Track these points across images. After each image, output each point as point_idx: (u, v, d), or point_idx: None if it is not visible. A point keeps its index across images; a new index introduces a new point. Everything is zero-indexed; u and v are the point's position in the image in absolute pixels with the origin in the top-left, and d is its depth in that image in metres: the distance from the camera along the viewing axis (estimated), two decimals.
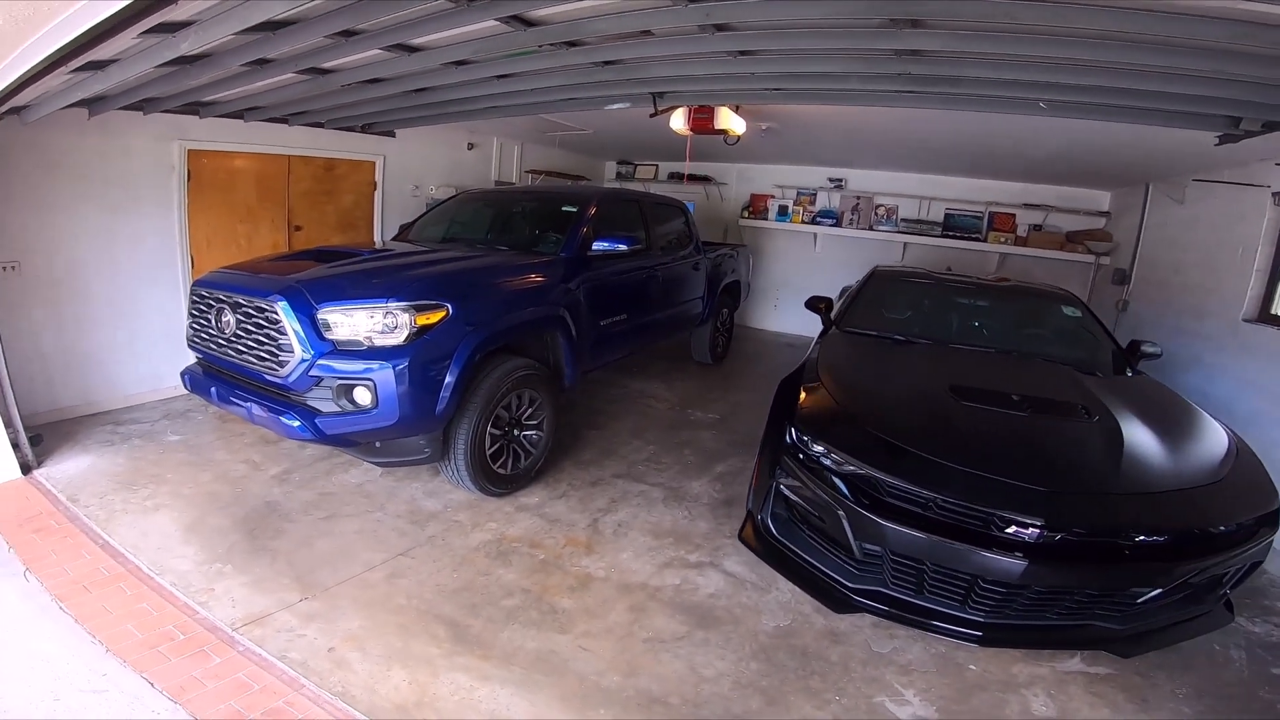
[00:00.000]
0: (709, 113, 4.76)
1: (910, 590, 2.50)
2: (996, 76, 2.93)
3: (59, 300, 4.38)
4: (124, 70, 2.75)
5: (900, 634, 2.68)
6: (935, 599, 2.46)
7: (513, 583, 2.92)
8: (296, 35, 2.57)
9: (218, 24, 2.22)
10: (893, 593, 2.53)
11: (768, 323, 9.07)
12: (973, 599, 2.40)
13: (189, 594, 2.70)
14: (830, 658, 2.56)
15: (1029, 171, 6.78)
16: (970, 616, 2.42)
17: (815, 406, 2.98)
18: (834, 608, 2.64)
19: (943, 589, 2.45)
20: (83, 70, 2.74)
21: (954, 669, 2.54)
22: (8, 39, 1.91)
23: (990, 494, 2.36)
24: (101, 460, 3.91)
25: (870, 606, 2.57)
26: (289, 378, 3.01)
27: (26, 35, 1.89)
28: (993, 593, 2.37)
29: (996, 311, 4.30)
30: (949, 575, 2.41)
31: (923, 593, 2.48)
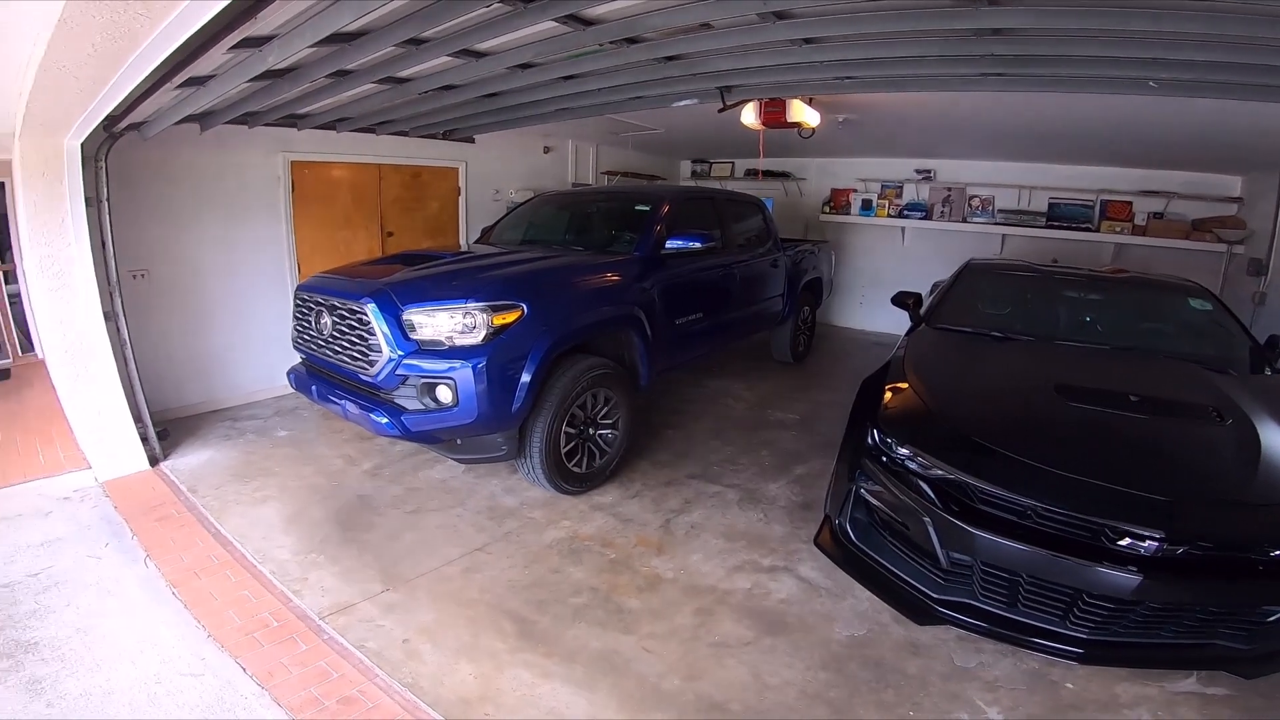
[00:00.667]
0: (781, 106, 4.63)
1: (1002, 603, 2.32)
2: (1096, 54, 2.67)
3: (184, 306, 4.83)
4: (222, 85, 2.96)
5: (988, 648, 2.50)
6: (1031, 613, 2.28)
7: (582, 581, 2.94)
8: (369, 45, 2.69)
9: (296, 36, 2.35)
10: (982, 605, 2.36)
11: (852, 320, 8.75)
12: (1075, 614, 2.21)
13: (285, 582, 2.87)
14: (907, 670, 2.42)
15: (1148, 157, 6.17)
16: (1071, 633, 2.23)
17: (901, 406, 2.84)
18: (916, 619, 2.49)
19: (1040, 603, 2.26)
20: (186, 86, 2.97)
21: (1047, 686, 2.35)
22: (109, 56, 2.09)
23: (1102, 503, 2.17)
24: (219, 454, 4.26)
25: (956, 619, 2.40)
26: (378, 376, 3.17)
27: (126, 52, 2.07)
28: (1099, 608, 2.18)
29: (1111, 305, 3.94)
30: (1049, 589, 2.23)
31: (1016, 606, 2.30)
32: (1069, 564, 2.13)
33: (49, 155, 3.54)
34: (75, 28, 1.81)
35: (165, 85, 2.69)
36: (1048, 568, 2.17)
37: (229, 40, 2.12)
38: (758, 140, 6.54)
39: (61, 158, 3.57)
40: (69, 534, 3.22)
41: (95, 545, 3.13)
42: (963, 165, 7.55)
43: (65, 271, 3.69)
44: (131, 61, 2.15)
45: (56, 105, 2.82)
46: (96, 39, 1.91)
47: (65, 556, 3.02)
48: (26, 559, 2.99)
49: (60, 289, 3.70)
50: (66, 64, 2.15)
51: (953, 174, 7.64)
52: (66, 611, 2.62)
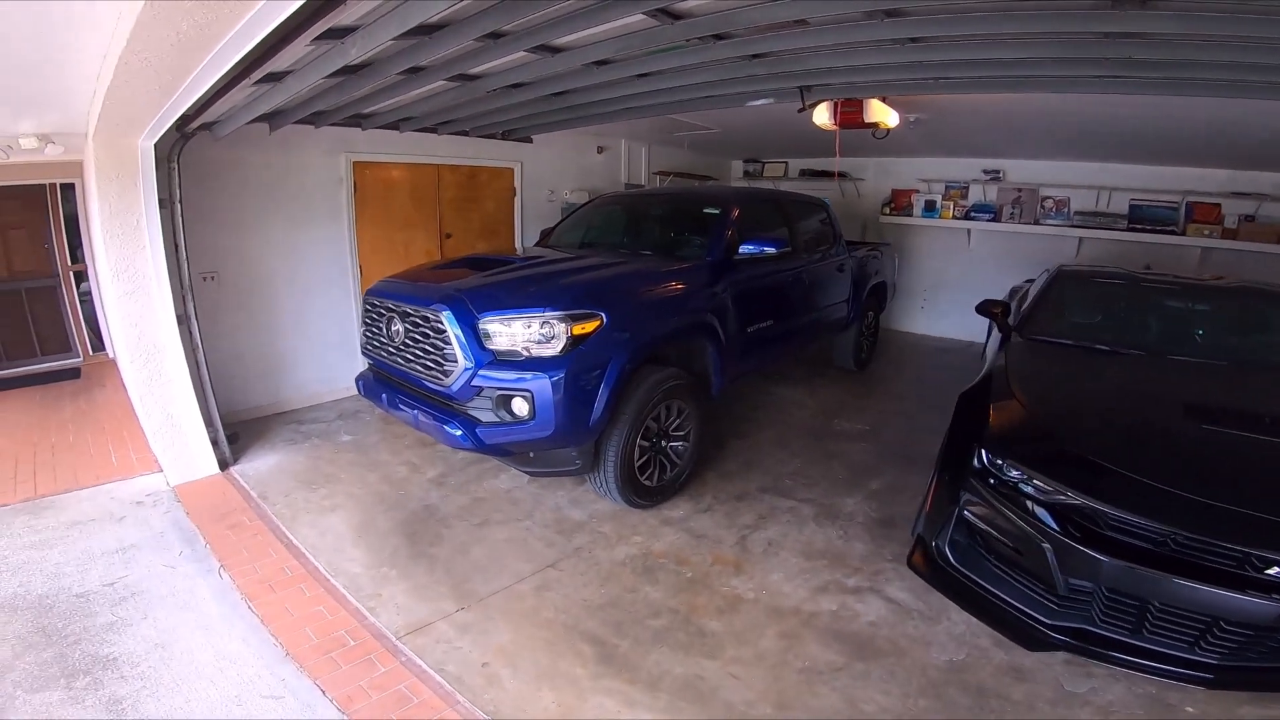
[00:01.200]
0: (858, 105, 4.42)
1: (1125, 630, 2.20)
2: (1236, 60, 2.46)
3: (251, 307, 4.86)
4: (299, 81, 2.90)
5: (1099, 672, 2.37)
6: (1157, 639, 2.16)
7: (659, 601, 2.83)
8: (448, 39, 2.60)
9: (380, 27, 2.27)
10: (1101, 631, 2.24)
11: (914, 324, 8.44)
12: (1206, 641, 2.10)
13: (359, 598, 2.82)
14: (1012, 696, 2.29)
15: (1238, 157, 5.78)
16: (1200, 658, 2.12)
17: (1011, 426, 2.67)
18: (1026, 645, 2.37)
19: (1169, 630, 2.14)
20: (264, 82, 2.92)
21: (1165, 711, 2.25)
22: (193, 46, 2.01)
23: (1248, 531, 2.05)
24: (286, 458, 4.27)
25: (1073, 645, 2.27)
26: (453, 387, 3.09)
27: (212, 41, 1.99)
28: (1235, 635, 2.07)
29: (1222, 316, 3.65)
30: (1182, 616, 2.11)
31: (1141, 632, 2.18)
32: (1210, 593, 2.03)
33: (123, 157, 3.54)
34: (163, 12, 1.72)
35: (243, 81, 2.63)
36: (1184, 596, 2.07)
37: (314, 30, 2.03)
38: (817, 139, 6.35)
39: (136, 159, 3.57)
40: (142, 540, 3.23)
41: (169, 554, 3.13)
42: (1033, 165, 7.20)
43: (140, 274, 3.70)
44: (216, 52, 2.07)
45: (133, 102, 2.76)
46: (183, 25, 1.82)
47: (139, 565, 3.02)
48: (101, 567, 2.98)
49: (134, 292, 3.71)
50: (149, 54, 2.05)
51: (1022, 174, 7.29)
52: (143, 625, 2.60)
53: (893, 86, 3.51)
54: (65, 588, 2.81)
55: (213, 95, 2.87)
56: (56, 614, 2.65)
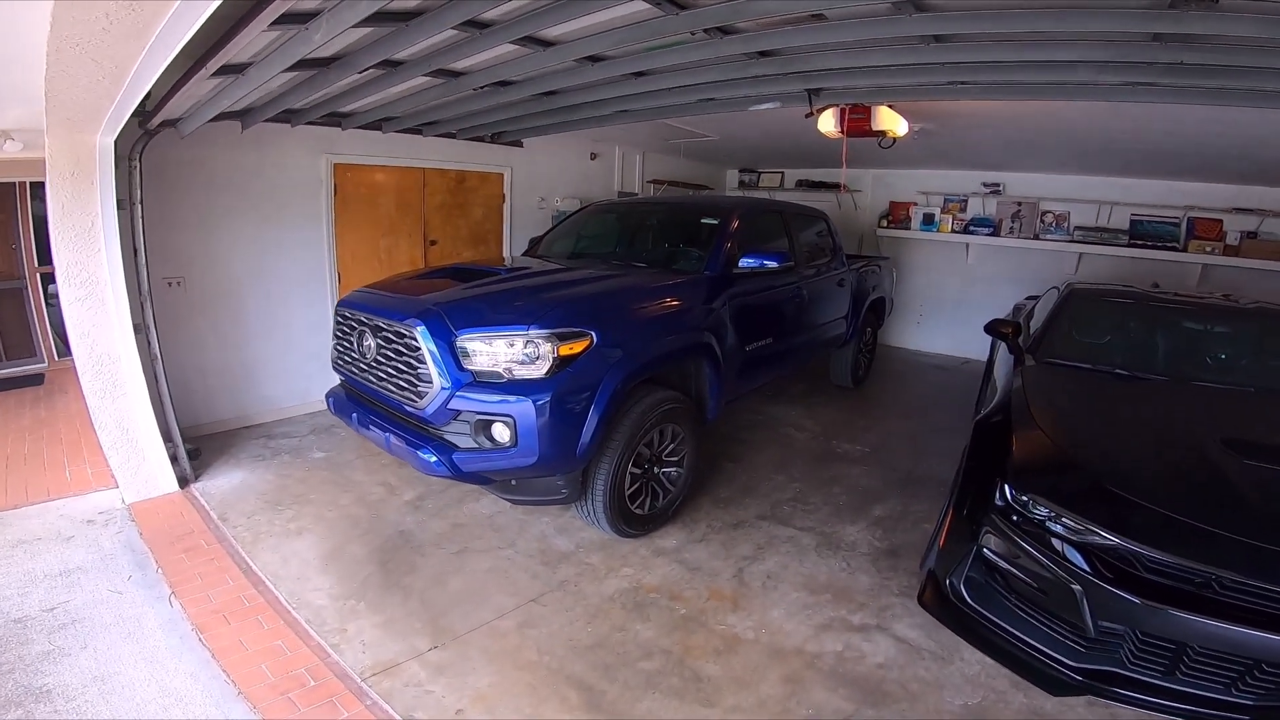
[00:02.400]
0: (865, 112, 4.25)
1: (1158, 672, 2.08)
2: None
3: (218, 315, 4.59)
4: (262, 73, 2.69)
5: (1124, 716, 2.23)
6: (1191, 681, 2.05)
7: (651, 641, 2.62)
8: (425, 27, 2.40)
9: (346, 9, 2.07)
10: (1130, 674, 2.11)
11: (910, 340, 8.30)
12: (1245, 682, 1.99)
13: (322, 633, 2.60)
14: None
15: (1241, 172, 5.69)
16: (1236, 699, 2.01)
17: (1036, 459, 2.50)
18: (1049, 689, 2.22)
19: (1206, 672, 2.03)
20: (223, 74, 2.72)
21: None
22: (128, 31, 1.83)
23: None
24: (252, 476, 4.01)
25: (1101, 689, 2.14)
26: (427, 409, 2.85)
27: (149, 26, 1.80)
28: (1276, 675, 1.96)
29: (1245, 340, 3.49)
30: (1220, 659, 2.00)
31: (1174, 675, 2.06)
32: (1259, 638, 1.92)
33: (79, 154, 3.29)
34: None
35: (200, 73, 2.44)
36: (1231, 640, 1.96)
37: (269, 13, 1.84)
38: (813, 149, 6.20)
39: (93, 157, 3.32)
40: (90, 563, 3.02)
41: (117, 578, 2.91)
42: (1034, 179, 7.10)
43: (93, 279, 3.45)
44: (157, 37, 1.86)
45: (77, 93, 2.53)
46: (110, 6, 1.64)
47: (84, 590, 2.81)
48: (42, 591, 2.78)
49: (88, 298, 3.46)
50: (80, 41, 1.87)
51: (1022, 188, 7.18)
52: (82, 655, 2.40)
53: (909, 92, 3.31)
54: (2, 611, 2.63)
55: (171, 88, 2.66)
56: None
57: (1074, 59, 2.49)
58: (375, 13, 2.06)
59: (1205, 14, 1.88)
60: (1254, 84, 2.52)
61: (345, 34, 2.26)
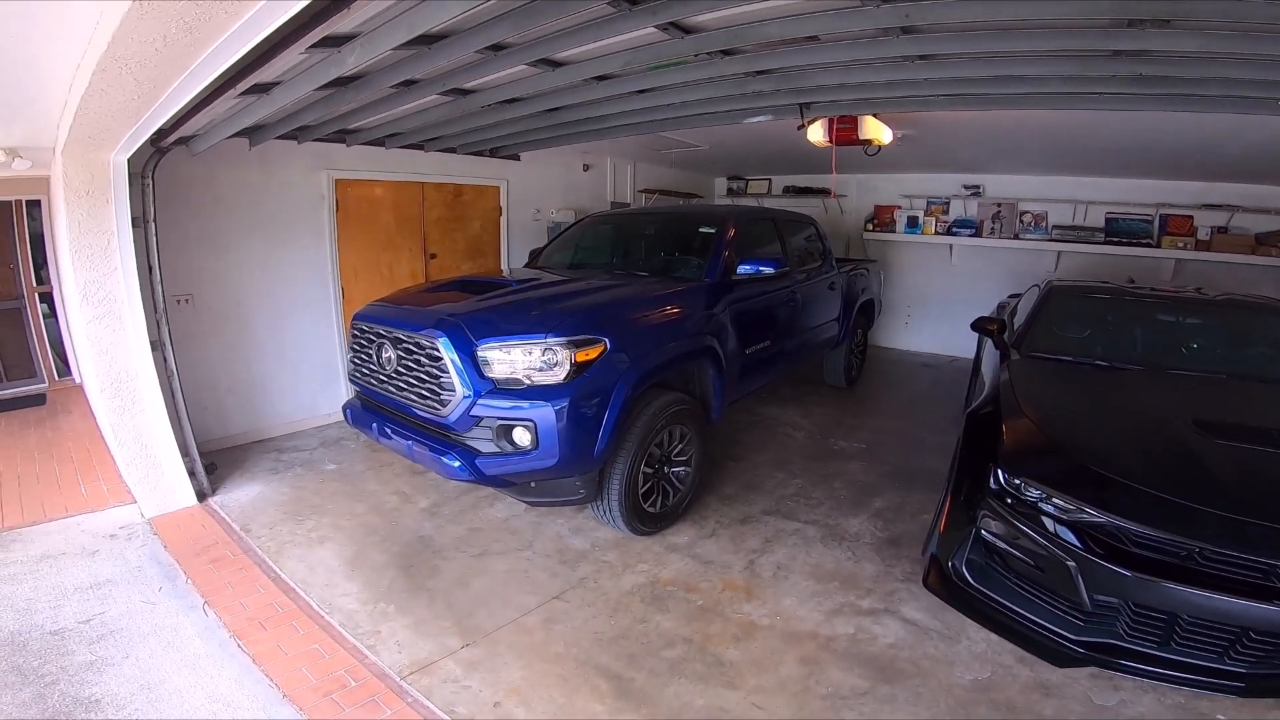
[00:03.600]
0: (852, 122, 4.44)
1: (1154, 642, 2.21)
2: (1240, 76, 2.50)
3: (228, 331, 4.67)
4: (287, 93, 2.77)
5: (1126, 685, 2.37)
6: (1186, 650, 2.18)
7: (672, 631, 2.74)
8: (449, 50, 2.50)
9: (383, 35, 2.15)
10: (1129, 645, 2.24)
11: (898, 341, 8.51)
12: (1236, 650, 2.13)
13: (357, 635, 2.69)
14: (1043, 713, 2.28)
15: (1210, 169, 5.94)
16: (1230, 667, 2.14)
17: (1027, 445, 2.66)
18: (1054, 661, 2.37)
19: (1198, 641, 2.16)
20: (249, 94, 2.78)
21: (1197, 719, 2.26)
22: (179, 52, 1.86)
23: (1273, 543, 2.08)
24: (268, 488, 4.08)
25: (1102, 660, 2.28)
26: (450, 417, 2.97)
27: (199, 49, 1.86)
28: (1265, 644, 2.10)
29: (1216, 330, 3.71)
30: (1210, 627, 2.13)
31: (1169, 645, 2.19)
32: (1239, 605, 2.06)
33: (95, 172, 3.35)
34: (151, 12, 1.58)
35: (228, 91, 2.49)
36: (1213, 609, 2.09)
37: (311, 36, 1.91)
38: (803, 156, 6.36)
39: (108, 175, 3.38)
40: (118, 576, 3.07)
41: (148, 589, 2.98)
42: (1012, 180, 7.34)
43: (111, 298, 3.51)
44: (204, 59, 1.94)
45: (109, 112, 2.60)
46: (171, 28, 1.68)
47: (117, 601, 2.86)
48: (75, 603, 2.83)
49: (105, 316, 3.52)
50: (129, 59, 1.91)
51: (1002, 189, 7.43)
52: (125, 664, 2.46)
53: (895, 104, 3.51)
54: (38, 625, 2.66)
55: (195, 107, 2.72)
56: (31, 652, 2.50)
57: (1044, 73, 2.67)
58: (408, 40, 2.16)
59: (1160, 31, 2.07)
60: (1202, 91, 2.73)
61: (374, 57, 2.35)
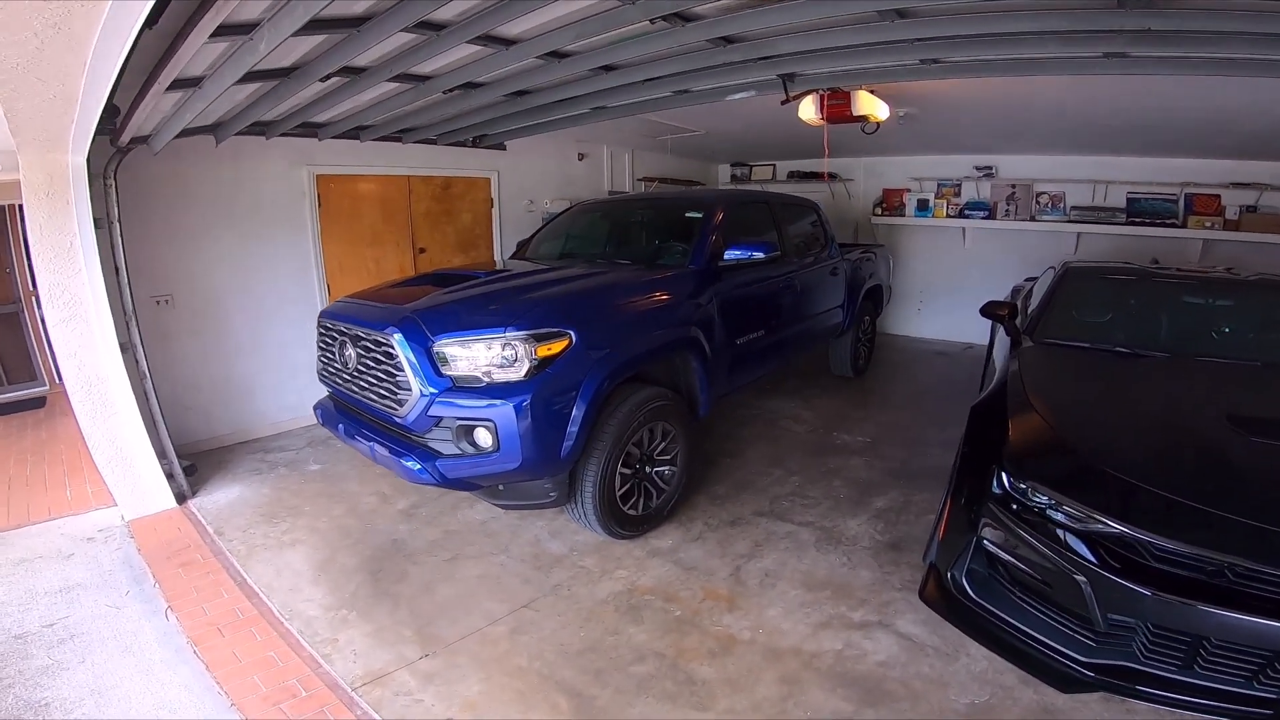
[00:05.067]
0: (845, 98, 4.18)
1: (1174, 666, 1.96)
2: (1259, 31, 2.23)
3: (209, 331, 4.59)
4: (217, 85, 2.65)
5: (1139, 709, 2.14)
6: (1210, 675, 1.93)
7: (644, 644, 2.57)
8: (375, 31, 2.37)
9: (284, 15, 2.02)
10: (1145, 668, 1.99)
11: (910, 328, 8.22)
12: (1267, 675, 1.87)
13: (314, 644, 2.59)
14: None
15: (1241, 148, 5.58)
16: (1258, 693, 1.89)
17: (1034, 444, 2.40)
18: (1061, 686, 2.10)
19: (1225, 665, 1.91)
20: (178, 88, 2.69)
21: None
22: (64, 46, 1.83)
23: None
24: (249, 490, 4.00)
25: (1115, 685, 2.02)
26: (408, 417, 2.82)
27: (82, 41, 1.80)
28: None
29: (1249, 313, 3.39)
30: (1239, 651, 1.88)
31: (1192, 669, 1.94)
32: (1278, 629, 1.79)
33: (52, 173, 3.27)
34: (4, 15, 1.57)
35: (154, 88, 2.42)
36: (1248, 631, 1.84)
37: (205, 23, 1.82)
38: (807, 139, 6.13)
39: (66, 175, 3.30)
40: (89, 580, 3.04)
41: (115, 593, 2.94)
42: (1026, 161, 7.01)
43: (76, 300, 3.43)
44: (94, 51, 1.86)
45: (34, 112, 2.52)
46: (36, 25, 1.64)
47: (84, 605, 2.84)
48: (43, 607, 2.81)
49: (71, 319, 3.44)
50: (17, 61, 1.87)
51: (1016, 170, 7.09)
52: (80, 669, 2.43)
53: (881, 74, 3.26)
54: (4, 628, 2.67)
55: (131, 104, 2.63)
56: None
57: (1039, 29, 2.41)
58: (322, 20, 2.03)
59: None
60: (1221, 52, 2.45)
61: (297, 43, 2.25)
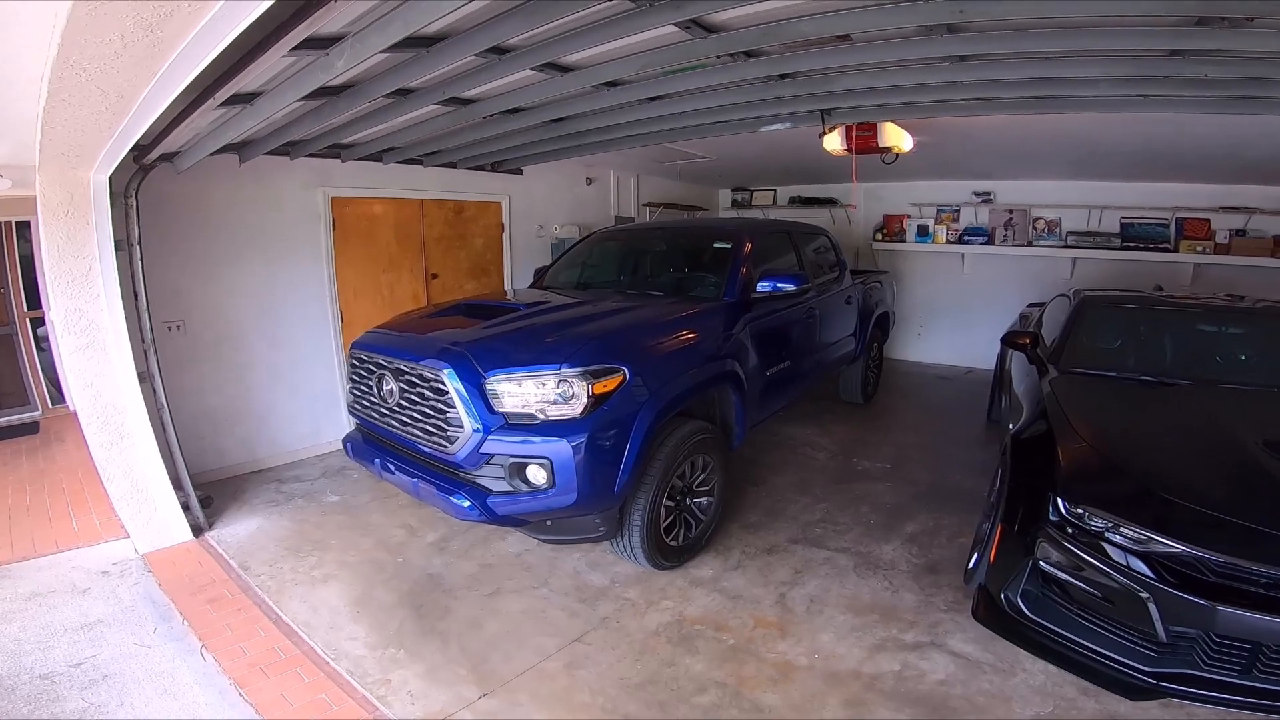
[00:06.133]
0: (872, 129, 4.28)
1: (1235, 671, 2.09)
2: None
3: (222, 358, 4.48)
4: (273, 103, 2.60)
5: (1200, 715, 2.24)
6: (1269, 678, 2.06)
7: (703, 674, 2.56)
8: (448, 52, 2.34)
9: (375, 32, 1.98)
10: (1208, 674, 2.11)
11: (911, 353, 8.33)
12: None
13: (366, 685, 2.52)
14: None
15: (1232, 172, 5.80)
16: None
17: (1087, 470, 2.51)
18: (1128, 695, 2.22)
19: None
20: (231, 104, 2.62)
21: None
22: (142, 55, 1.70)
23: None
24: (268, 522, 3.90)
25: (1178, 690, 2.14)
26: (458, 454, 2.77)
27: (164, 51, 1.69)
28: None
29: (1263, 340, 3.53)
30: None
31: (1251, 673, 2.07)
32: None
33: (73, 192, 3.17)
34: (100, 10, 1.43)
35: (208, 102, 2.33)
36: None
37: (292, 37, 1.75)
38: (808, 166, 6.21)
39: (88, 194, 3.20)
40: (111, 616, 2.92)
41: (142, 631, 2.83)
42: (1023, 186, 7.19)
43: (94, 327, 3.33)
44: (171, 62, 1.76)
45: (77, 126, 2.42)
46: (128, 26, 1.51)
47: (109, 643, 2.71)
48: (65, 645, 2.68)
49: (88, 347, 3.34)
50: (87, 65, 1.75)
51: (1013, 196, 7.28)
52: (120, 713, 2.32)
53: (924, 109, 3.31)
54: (27, 668, 2.55)
55: (173, 119, 2.54)
56: (19, 697, 2.36)
57: (1097, 74, 2.50)
58: (409, 38, 1.99)
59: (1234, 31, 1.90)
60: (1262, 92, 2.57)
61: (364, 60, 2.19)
